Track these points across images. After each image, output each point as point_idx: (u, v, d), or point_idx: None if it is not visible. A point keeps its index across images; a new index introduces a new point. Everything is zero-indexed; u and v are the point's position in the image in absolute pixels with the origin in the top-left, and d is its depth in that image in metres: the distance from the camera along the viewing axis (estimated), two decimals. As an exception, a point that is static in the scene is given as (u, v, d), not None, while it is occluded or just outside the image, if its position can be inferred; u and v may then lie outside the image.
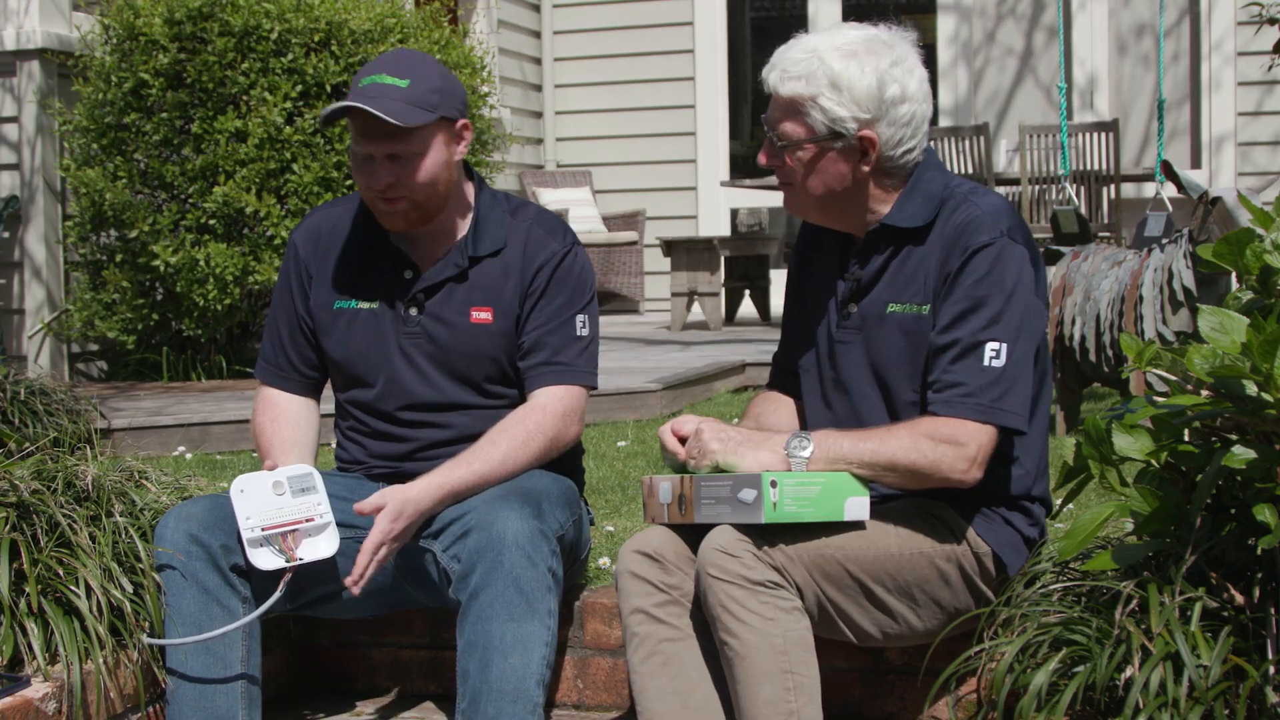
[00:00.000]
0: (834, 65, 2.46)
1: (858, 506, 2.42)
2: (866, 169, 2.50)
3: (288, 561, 2.67)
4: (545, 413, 2.82)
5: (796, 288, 2.74)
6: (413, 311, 2.86)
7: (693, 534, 2.50)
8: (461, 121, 2.82)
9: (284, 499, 2.68)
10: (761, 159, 2.58)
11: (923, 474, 2.41)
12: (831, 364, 2.61)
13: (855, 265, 2.57)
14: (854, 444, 2.42)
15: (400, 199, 2.77)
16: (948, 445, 2.39)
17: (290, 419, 2.93)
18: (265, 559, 2.67)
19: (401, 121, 2.69)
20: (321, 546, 2.70)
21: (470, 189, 2.93)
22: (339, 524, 2.75)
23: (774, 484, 2.34)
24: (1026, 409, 2.45)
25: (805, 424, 2.70)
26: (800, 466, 2.40)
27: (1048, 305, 2.54)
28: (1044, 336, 2.55)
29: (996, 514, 2.54)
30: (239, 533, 2.67)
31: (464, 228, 2.89)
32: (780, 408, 2.76)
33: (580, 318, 2.88)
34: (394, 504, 2.67)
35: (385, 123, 2.69)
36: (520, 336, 2.87)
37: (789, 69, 2.50)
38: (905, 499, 2.55)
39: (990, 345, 2.41)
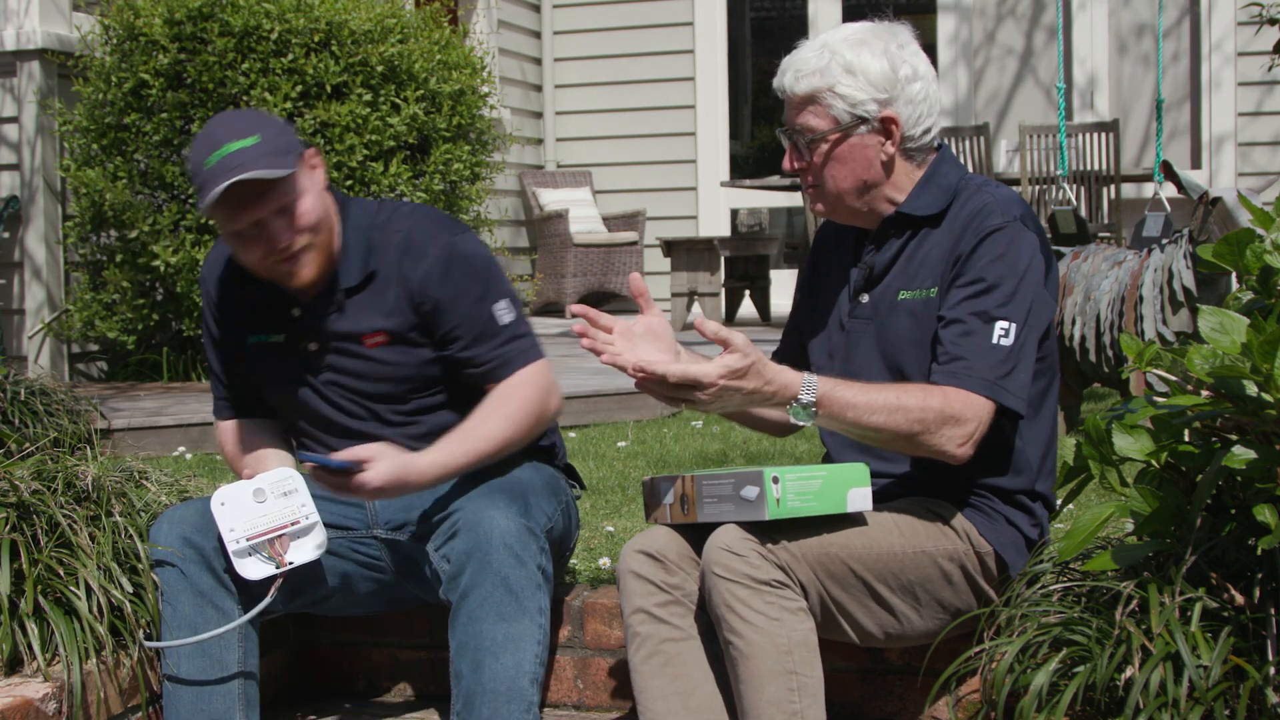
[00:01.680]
0: (845, 54, 2.51)
1: (860, 498, 2.42)
2: (892, 149, 2.54)
3: (278, 567, 2.67)
4: (528, 386, 2.76)
5: (809, 282, 2.76)
6: (312, 346, 2.80)
7: (695, 534, 2.50)
8: (308, 151, 2.73)
9: (266, 505, 2.66)
10: (786, 164, 2.58)
11: (916, 441, 2.40)
12: (843, 354, 2.63)
13: (870, 252, 2.60)
14: (858, 416, 2.38)
15: (302, 251, 2.68)
16: (951, 417, 2.39)
17: (256, 433, 2.90)
18: (253, 569, 2.65)
19: (283, 170, 2.60)
20: (310, 548, 2.70)
21: (334, 212, 2.79)
22: (330, 525, 2.75)
23: (776, 480, 2.34)
24: (1026, 393, 2.47)
25: None
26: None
27: (1056, 299, 2.55)
28: (1051, 331, 2.56)
29: (999, 514, 2.54)
30: (224, 545, 2.66)
31: (334, 256, 2.78)
32: None
33: (498, 305, 2.76)
34: (396, 475, 2.61)
35: (264, 185, 2.60)
36: (447, 350, 2.77)
37: (801, 68, 2.53)
38: (909, 498, 2.55)
39: (1000, 324, 2.44)
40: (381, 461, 2.59)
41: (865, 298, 2.60)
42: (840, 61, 2.50)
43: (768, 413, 2.73)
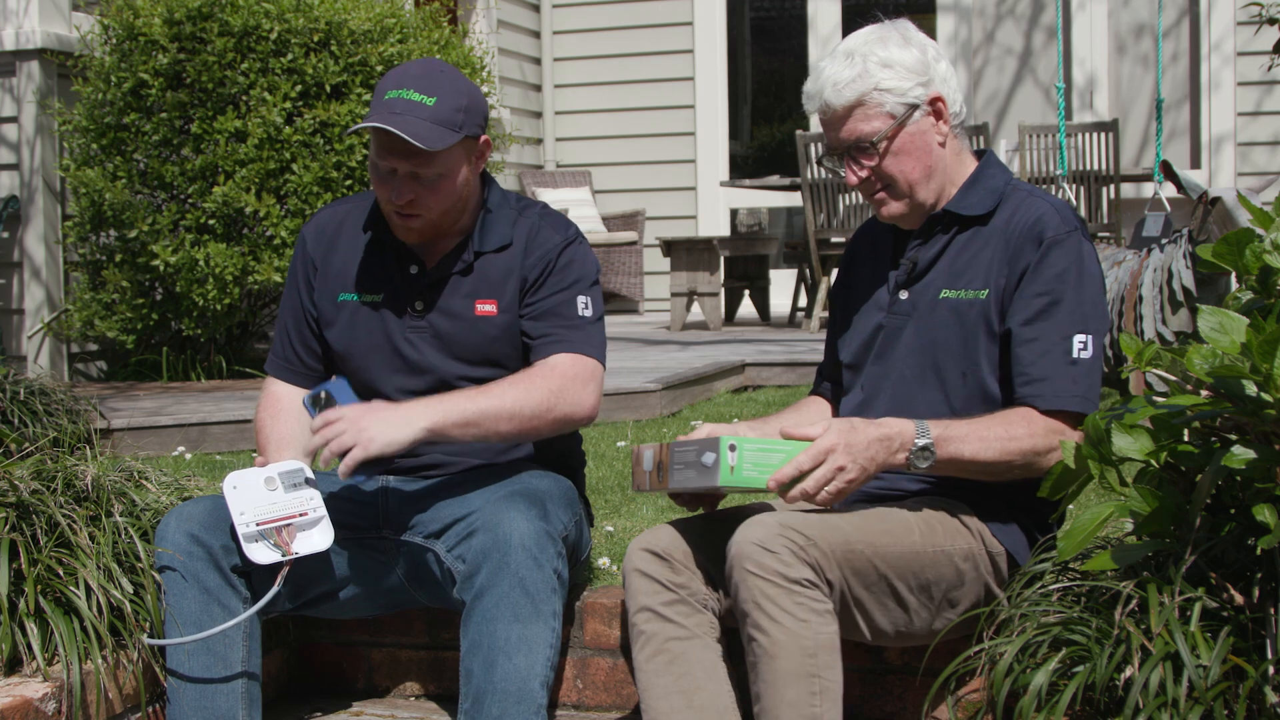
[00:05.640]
0: (877, 51, 2.55)
1: None
2: (946, 128, 2.59)
3: (283, 556, 2.68)
4: (553, 370, 2.80)
5: (844, 290, 2.78)
6: (418, 305, 2.87)
7: (701, 531, 2.51)
8: (484, 139, 2.83)
9: (276, 494, 2.69)
10: (851, 180, 2.59)
11: (1033, 466, 2.46)
12: (879, 350, 2.64)
13: (916, 246, 2.63)
14: (975, 452, 2.43)
15: (417, 216, 2.78)
16: (1058, 436, 2.45)
17: (290, 414, 2.94)
18: (261, 553, 2.67)
19: (426, 145, 2.67)
20: (316, 540, 2.71)
21: (472, 198, 2.93)
22: (338, 524, 2.76)
23: (733, 448, 2.34)
24: (1098, 399, 2.52)
25: (837, 410, 2.76)
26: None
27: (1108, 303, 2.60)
28: None
29: (1011, 515, 2.56)
30: (234, 529, 2.68)
31: (471, 224, 2.90)
32: (806, 418, 2.77)
33: (581, 299, 2.87)
34: (360, 409, 2.67)
35: (410, 146, 2.68)
36: (522, 320, 2.86)
37: (838, 80, 2.55)
38: (925, 497, 2.55)
39: (1078, 338, 2.49)
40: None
41: (905, 294, 2.62)
42: (875, 60, 2.54)
43: None
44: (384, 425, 2.64)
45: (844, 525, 2.40)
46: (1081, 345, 2.49)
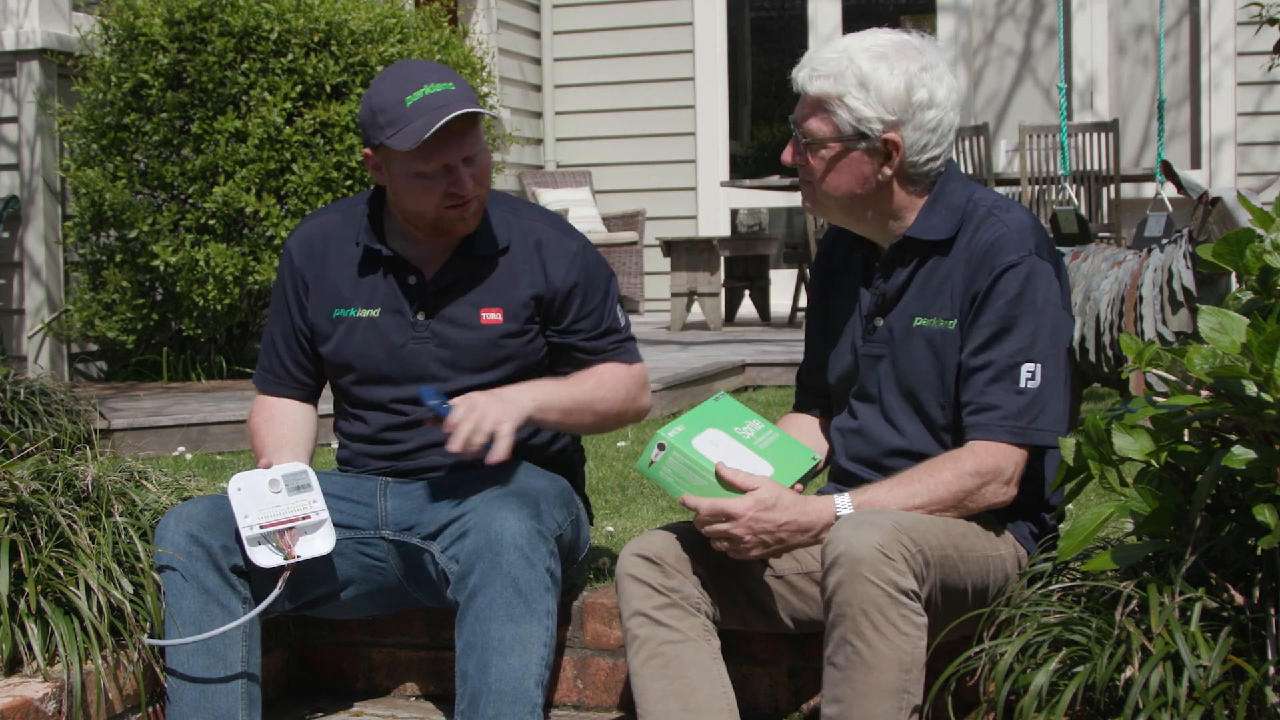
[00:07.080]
0: (863, 65, 2.45)
1: None
2: (890, 172, 2.49)
3: (286, 559, 2.67)
4: (628, 372, 2.90)
5: (821, 300, 2.73)
6: (420, 316, 2.85)
7: (692, 537, 2.50)
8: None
9: (280, 497, 2.68)
10: (786, 157, 2.56)
11: (965, 507, 2.44)
12: (859, 377, 2.61)
13: (880, 279, 2.57)
14: (902, 508, 2.40)
15: (472, 200, 2.78)
16: (990, 474, 2.42)
17: (285, 418, 2.93)
18: (264, 557, 2.67)
19: (487, 111, 2.75)
20: (318, 544, 2.71)
21: None
22: (337, 524, 2.76)
23: (661, 448, 2.38)
24: (1062, 422, 2.47)
25: (829, 438, 2.73)
26: None
27: (1073, 318, 2.54)
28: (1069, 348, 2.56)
29: (1024, 519, 2.57)
30: (238, 531, 2.67)
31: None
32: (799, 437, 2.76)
33: (617, 309, 2.94)
34: (483, 398, 2.70)
35: (466, 125, 2.70)
36: (569, 337, 2.88)
37: (818, 68, 2.48)
38: None
39: (1025, 367, 2.43)
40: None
41: (880, 321, 2.58)
42: (855, 72, 2.45)
43: None
44: (500, 411, 2.68)
45: (934, 527, 2.37)
46: (1030, 375, 2.43)
